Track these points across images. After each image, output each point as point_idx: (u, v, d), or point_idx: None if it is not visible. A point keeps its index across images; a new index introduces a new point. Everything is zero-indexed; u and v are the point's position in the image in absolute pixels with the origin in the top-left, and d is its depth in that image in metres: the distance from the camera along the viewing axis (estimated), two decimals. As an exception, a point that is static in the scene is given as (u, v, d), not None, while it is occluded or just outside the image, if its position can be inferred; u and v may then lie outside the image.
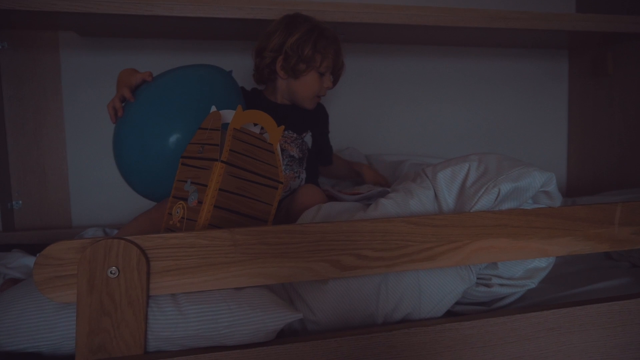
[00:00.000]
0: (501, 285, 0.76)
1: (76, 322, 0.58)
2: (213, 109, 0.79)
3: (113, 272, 0.58)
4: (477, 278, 0.76)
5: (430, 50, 1.62)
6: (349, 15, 1.21)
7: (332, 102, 1.30)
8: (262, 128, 0.82)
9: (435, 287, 0.72)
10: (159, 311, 0.61)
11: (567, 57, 1.74)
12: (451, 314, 0.77)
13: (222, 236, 0.62)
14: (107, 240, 0.58)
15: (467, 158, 0.78)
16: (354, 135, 1.53)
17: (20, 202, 1.41)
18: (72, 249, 0.58)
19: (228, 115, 0.78)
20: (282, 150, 1.04)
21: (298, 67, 1.02)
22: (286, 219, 0.91)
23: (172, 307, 0.61)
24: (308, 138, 1.10)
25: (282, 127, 0.80)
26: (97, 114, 1.41)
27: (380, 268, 0.68)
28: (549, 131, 1.76)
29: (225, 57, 1.44)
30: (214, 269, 0.63)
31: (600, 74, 1.56)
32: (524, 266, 0.77)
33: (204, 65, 1.01)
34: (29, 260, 0.95)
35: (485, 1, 1.63)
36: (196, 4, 1.15)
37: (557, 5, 1.70)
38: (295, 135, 1.07)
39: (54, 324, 0.59)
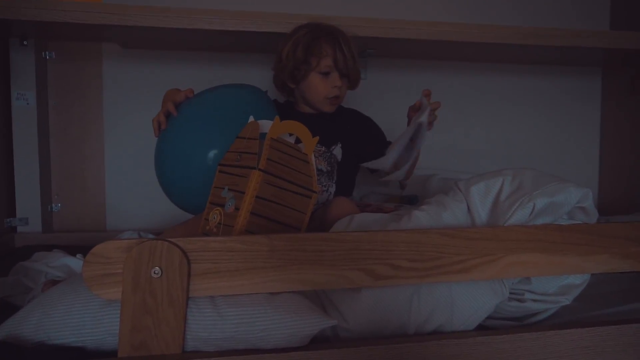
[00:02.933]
0: (534, 300, 0.76)
1: (120, 319, 0.60)
2: (251, 119, 0.81)
3: (156, 272, 0.61)
4: (510, 293, 0.76)
5: (459, 66, 1.63)
6: (384, 31, 1.24)
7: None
8: (297, 138, 0.84)
9: (467, 300, 0.72)
10: (198, 312, 0.62)
11: (600, 74, 1.72)
12: (483, 328, 0.76)
13: (260, 241, 0.64)
14: (152, 242, 0.61)
15: (501, 172, 0.79)
16: (382, 149, 1.54)
17: (60, 205, 1.47)
18: (120, 248, 0.61)
19: (265, 125, 0.80)
20: None
21: (296, 73, 1.04)
22: (319, 230, 0.92)
23: (211, 309, 0.63)
24: (337, 150, 1.11)
25: (317, 137, 0.82)
26: (135, 123, 1.47)
27: (414, 279, 0.69)
28: (580, 150, 1.74)
29: (261, 70, 1.47)
30: (251, 273, 0.64)
31: (635, 92, 1.53)
32: (558, 282, 0.76)
33: (242, 85, 1.05)
34: (69, 260, 0.99)
35: (517, 18, 1.64)
36: (235, 18, 1.19)
37: (590, 22, 1.69)
38: (323, 148, 1.08)
39: (99, 320, 0.62)
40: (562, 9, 1.67)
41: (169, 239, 0.61)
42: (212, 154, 0.87)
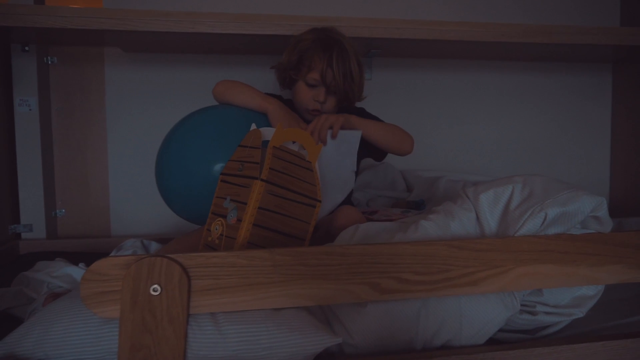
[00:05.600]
0: (546, 313, 0.73)
1: (119, 337, 0.59)
2: (253, 126, 0.79)
3: (155, 289, 0.59)
4: (521, 305, 0.73)
5: (468, 64, 1.60)
6: (388, 31, 1.21)
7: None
8: (300, 146, 0.82)
9: (477, 313, 0.69)
10: (199, 330, 0.61)
11: (610, 71, 1.68)
12: (493, 342, 0.74)
13: (262, 256, 0.62)
14: (150, 258, 0.59)
15: (510, 180, 0.76)
16: (389, 151, 1.52)
17: (64, 210, 1.46)
18: (118, 265, 0.59)
19: (268, 132, 0.78)
20: None
21: (285, 75, 1.03)
22: (324, 239, 0.90)
23: (212, 327, 0.61)
24: None
25: (321, 145, 0.80)
26: (138, 127, 1.46)
27: (421, 292, 0.66)
28: (591, 148, 1.70)
29: (264, 71, 1.45)
30: (253, 289, 0.62)
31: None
32: (571, 294, 0.73)
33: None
34: (72, 270, 0.98)
35: (523, 15, 1.60)
36: (236, 21, 1.17)
37: (599, 18, 1.65)
38: None
39: (98, 338, 0.61)
40: (570, 5, 1.63)
41: (168, 255, 0.60)
42: (214, 165, 0.85)
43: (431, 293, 0.67)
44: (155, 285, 0.59)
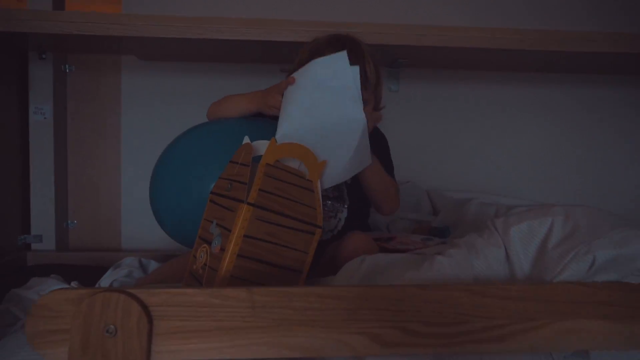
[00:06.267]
0: (593, 380, 0.59)
1: (68, 385, 0.50)
2: (246, 139, 0.70)
3: (110, 330, 0.50)
4: (561, 368, 0.60)
5: (504, 77, 1.46)
6: (413, 38, 1.11)
7: (391, 130, 1.18)
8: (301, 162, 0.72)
9: (503, 376, 0.56)
10: (160, 381, 0.51)
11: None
12: (524, 410, 0.60)
13: (239, 296, 0.52)
14: (105, 293, 0.50)
15: (548, 210, 0.63)
16: (414, 168, 1.40)
17: (76, 221, 1.43)
18: (69, 300, 0.51)
19: (261, 147, 0.69)
20: None
21: None
22: (330, 267, 0.79)
23: (176, 378, 0.51)
24: None
25: (324, 161, 0.70)
26: (153, 136, 1.41)
27: (432, 347, 0.54)
28: (635, 165, 1.51)
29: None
30: (227, 334, 0.52)
31: None
32: (626, 359, 0.59)
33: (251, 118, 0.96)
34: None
35: (558, 21, 1.44)
36: (260, 27, 1.11)
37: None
38: None
39: (46, 383, 0.52)
40: (607, 11, 1.46)
41: (128, 290, 0.51)
42: (211, 184, 0.76)
43: (445, 349, 0.55)
44: (110, 326, 0.50)
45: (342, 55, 0.77)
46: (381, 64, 1.07)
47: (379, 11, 1.43)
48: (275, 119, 0.83)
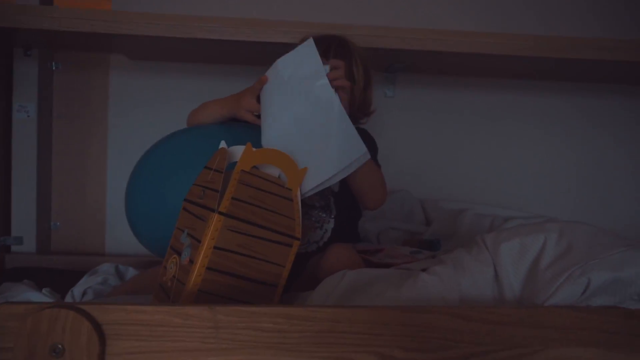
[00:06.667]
0: (586, 411, 0.54)
1: (10, 409, 0.46)
2: (222, 144, 0.66)
3: (57, 350, 0.46)
4: (552, 398, 0.55)
5: (504, 83, 1.41)
6: (417, 43, 1.07)
7: (384, 136, 1.14)
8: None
9: (488, 407, 0.52)
10: (111, 407, 0.47)
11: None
12: None
13: (201, 315, 0.48)
14: (53, 309, 0.46)
15: (542, 227, 0.59)
16: (408, 177, 1.35)
17: (59, 223, 1.38)
18: (13, 315, 0.46)
19: (238, 152, 0.64)
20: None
21: None
22: (311, 281, 0.75)
23: (128, 403, 0.47)
24: None
25: (305, 168, 0.66)
26: (141, 137, 1.36)
27: (411, 375, 0.50)
28: (636, 176, 1.47)
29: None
30: (188, 356, 0.48)
31: None
32: (623, 391, 0.54)
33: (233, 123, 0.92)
34: (33, 296, 0.88)
35: (563, 26, 1.40)
36: (240, 27, 1.07)
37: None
38: None
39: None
40: (619, 18, 1.42)
41: (78, 305, 0.47)
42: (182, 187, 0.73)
43: (425, 377, 0.50)
44: (58, 345, 0.46)
45: (309, 44, 0.74)
46: (376, 68, 1.03)
47: (379, 12, 1.39)
48: (248, 123, 0.79)
